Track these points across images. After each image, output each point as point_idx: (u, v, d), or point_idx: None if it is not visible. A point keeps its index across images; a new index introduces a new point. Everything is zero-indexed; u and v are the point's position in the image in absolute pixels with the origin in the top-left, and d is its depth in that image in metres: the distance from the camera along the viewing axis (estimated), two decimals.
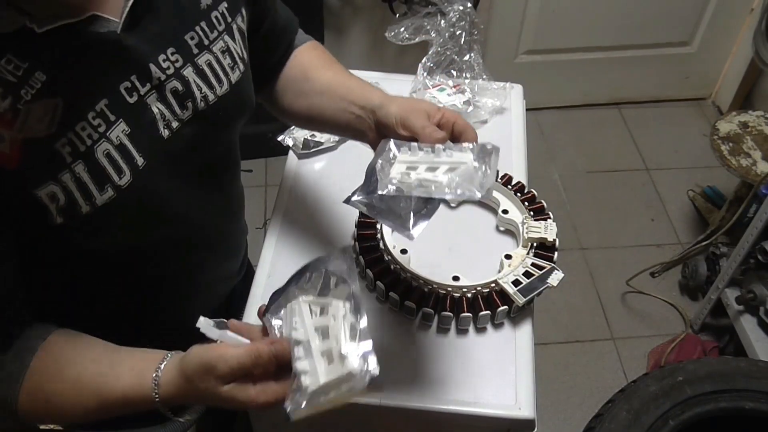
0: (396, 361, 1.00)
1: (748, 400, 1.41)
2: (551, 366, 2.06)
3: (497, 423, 0.96)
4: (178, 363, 0.74)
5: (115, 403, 0.76)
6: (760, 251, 1.81)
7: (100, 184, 0.71)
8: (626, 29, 2.59)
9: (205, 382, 0.72)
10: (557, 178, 2.57)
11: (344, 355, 0.68)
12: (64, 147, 0.68)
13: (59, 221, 0.70)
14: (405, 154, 0.77)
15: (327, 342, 0.70)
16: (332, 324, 0.70)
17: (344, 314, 0.71)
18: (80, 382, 0.75)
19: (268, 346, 0.71)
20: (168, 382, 0.74)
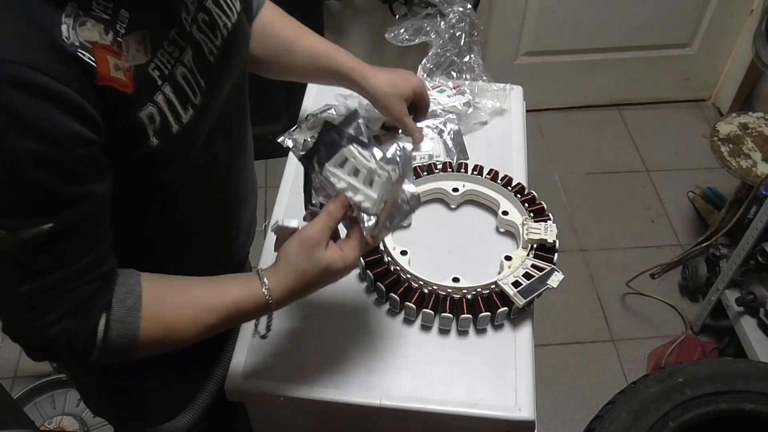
0: (396, 363, 1.00)
1: (748, 402, 1.41)
2: (551, 367, 2.06)
3: (497, 424, 0.96)
4: (277, 263, 0.84)
5: (229, 314, 0.83)
6: (760, 253, 1.81)
7: (183, 103, 0.79)
8: (626, 30, 2.59)
9: (308, 257, 0.82)
10: (557, 179, 2.57)
11: (374, 168, 0.82)
12: (154, 71, 0.75)
13: (155, 143, 0.76)
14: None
15: (361, 174, 0.83)
16: (357, 162, 0.83)
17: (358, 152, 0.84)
18: (193, 302, 0.82)
19: (331, 204, 0.83)
20: (275, 281, 0.83)
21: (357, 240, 0.84)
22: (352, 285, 1.09)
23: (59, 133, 0.65)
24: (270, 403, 0.99)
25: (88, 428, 1.83)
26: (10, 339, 0.77)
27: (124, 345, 0.78)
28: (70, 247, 0.72)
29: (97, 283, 0.76)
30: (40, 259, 0.70)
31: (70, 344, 0.75)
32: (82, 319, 0.75)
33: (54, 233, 0.69)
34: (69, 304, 0.74)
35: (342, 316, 1.05)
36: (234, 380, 0.98)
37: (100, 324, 0.76)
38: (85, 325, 0.75)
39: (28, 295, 0.72)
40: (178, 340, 0.82)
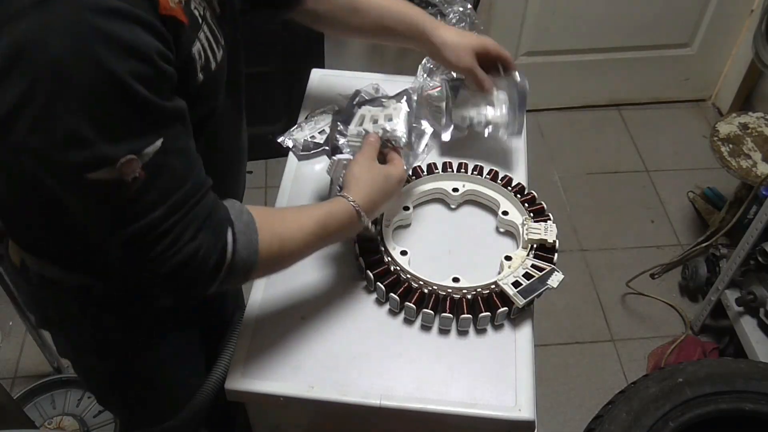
0: (396, 363, 1.00)
1: (748, 402, 1.41)
2: (551, 367, 2.06)
3: (497, 424, 0.96)
4: (346, 184, 0.99)
5: (326, 223, 0.93)
6: (760, 253, 1.81)
7: (217, 43, 0.84)
8: (626, 31, 2.59)
9: (369, 168, 1.00)
10: (557, 179, 2.57)
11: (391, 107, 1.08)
12: (195, 10, 0.80)
13: (201, 78, 0.81)
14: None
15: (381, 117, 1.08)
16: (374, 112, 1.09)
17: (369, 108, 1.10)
18: (294, 216, 0.92)
19: (369, 136, 1.05)
20: (353, 193, 0.97)
21: (397, 157, 1.05)
22: (352, 285, 1.09)
23: (150, 49, 0.69)
24: (270, 403, 0.99)
25: (88, 428, 1.83)
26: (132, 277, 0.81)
27: (247, 258, 0.82)
28: (182, 162, 0.76)
29: (212, 196, 0.81)
30: (163, 178, 0.74)
31: (205, 261, 0.79)
32: (214, 233, 0.79)
33: (166, 150, 0.73)
34: (200, 218, 0.78)
35: (342, 317, 1.05)
36: (234, 380, 0.98)
37: (228, 236, 0.80)
38: (218, 239, 0.79)
39: (163, 217, 0.75)
40: (290, 252, 0.90)
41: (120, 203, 0.73)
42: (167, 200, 0.75)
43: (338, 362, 1.00)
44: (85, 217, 0.78)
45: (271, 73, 2.37)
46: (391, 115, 1.07)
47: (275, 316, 1.05)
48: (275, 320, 1.05)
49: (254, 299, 1.07)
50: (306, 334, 1.03)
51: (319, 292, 1.08)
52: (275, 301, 1.07)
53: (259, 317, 1.05)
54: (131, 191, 0.72)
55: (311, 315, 1.05)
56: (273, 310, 1.06)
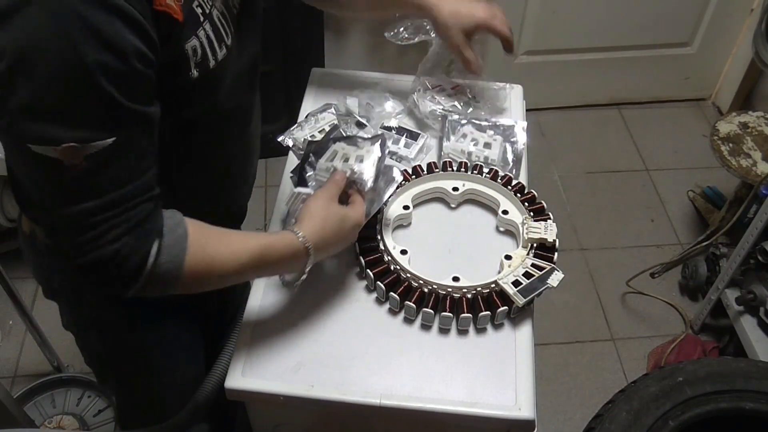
0: (396, 362, 1.00)
1: (748, 401, 1.41)
2: (551, 366, 2.06)
3: (497, 424, 0.96)
4: (300, 218, 0.97)
5: (264, 254, 0.90)
6: (760, 252, 1.81)
7: (219, 41, 0.85)
8: (626, 30, 2.59)
9: (326, 206, 0.97)
10: (557, 178, 2.57)
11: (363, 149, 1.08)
12: (197, 8, 0.81)
13: (195, 75, 0.82)
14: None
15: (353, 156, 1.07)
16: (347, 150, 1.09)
17: (344, 145, 1.10)
18: (232, 241, 0.89)
19: (336, 174, 1.02)
20: (304, 228, 0.94)
21: (360, 201, 1.01)
22: (352, 285, 1.09)
23: (127, 47, 0.70)
24: (270, 403, 0.99)
25: (88, 427, 1.83)
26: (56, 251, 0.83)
27: (170, 271, 0.82)
28: (129, 165, 0.77)
29: (152, 204, 0.81)
30: (104, 174, 0.75)
31: (125, 263, 0.79)
32: (139, 239, 0.79)
33: (115, 149, 0.74)
34: (130, 222, 0.78)
35: (342, 316, 1.05)
36: (234, 380, 0.98)
37: (153, 247, 0.80)
38: (142, 246, 0.79)
39: (92, 210, 0.75)
40: (219, 275, 0.88)
41: (54, 183, 0.75)
42: (101, 196, 0.76)
43: (338, 362, 1.00)
44: (29, 186, 0.80)
45: (271, 72, 2.37)
46: (362, 156, 1.06)
47: (275, 316, 1.05)
48: (275, 320, 1.05)
49: (254, 299, 1.07)
50: (306, 334, 1.03)
51: (319, 291, 1.08)
52: (275, 301, 1.07)
53: (259, 317, 1.05)
54: (66, 176, 0.73)
55: (311, 315, 1.05)
56: (273, 310, 1.06)
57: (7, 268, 1.69)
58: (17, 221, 1.07)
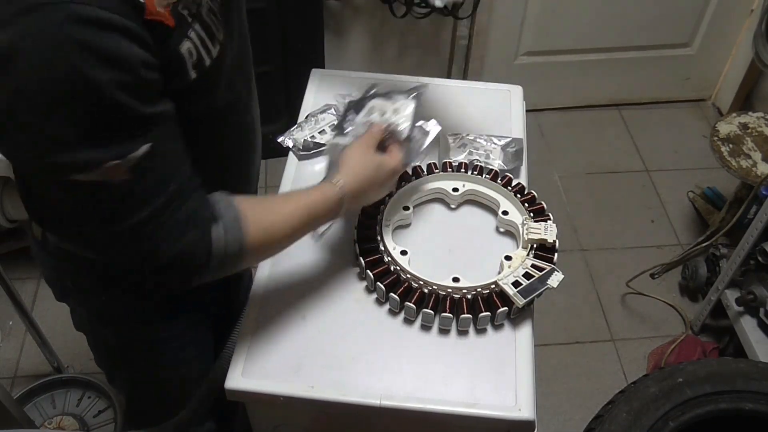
0: (396, 363, 1.00)
1: (748, 401, 1.41)
2: (551, 367, 2.06)
3: (497, 424, 0.96)
4: (339, 166, 1.01)
5: (310, 208, 0.95)
6: (760, 252, 1.81)
7: (211, 39, 0.85)
8: (626, 30, 2.59)
9: (363, 153, 1.02)
10: (557, 179, 2.57)
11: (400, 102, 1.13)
12: (183, 10, 0.80)
13: (193, 76, 0.82)
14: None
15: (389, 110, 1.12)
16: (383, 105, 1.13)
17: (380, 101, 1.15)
18: (278, 204, 0.97)
19: (373, 126, 1.07)
20: (340, 176, 0.99)
21: (396, 149, 1.06)
22: (352, 285, 1.09)
23: (132, 58, 0.71)
24: (270, 403, 0.99)
25: (88, 428, 1.83)
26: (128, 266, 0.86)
27: (235, 252, 0.86)
28: (169, 164, 0.79)
29: (200, 193, 0.84)
30: (150, 180, 0.77)
31: (193, 258, 0.83)
32: (201, 230, 0.83)
33: (153, 153, 0.76)
34: (185, 218, 0.81)
35: (342, 316, 1.05)
36: (234, 380, 0.98)
37: (213, 233, 0.84)
38: (204, 236, 0.83)
39: (147, 218, 0.78)
40: (278, 240, 0.93)
41: (106, 203, 0.76)
42: (153, 201, 0.78)
43: (338, 362, 1.00)
44: (75, 213, 0.81)
45: (271, 73, 2.37)
46: (398, 109, 1.11)
47: (275, 316, 1.05)
48: (275, 320, 1.05)
49: (254, 299, 1.07)
50: (306, 334, 1.03)
51: (319, 292, 1.08)
52: (275, 301, 1.07)
53: (259, 317, 1.05)
54: (117, 193, 0.75)
55: (311, 315, 1.05)
56: (273, 310, 1.06)
57: (7, 268, 1.69)
58: (27, 226, 1.07)
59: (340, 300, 1.07)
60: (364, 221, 1.12)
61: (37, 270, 1.79)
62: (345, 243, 1.13)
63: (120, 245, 0.81)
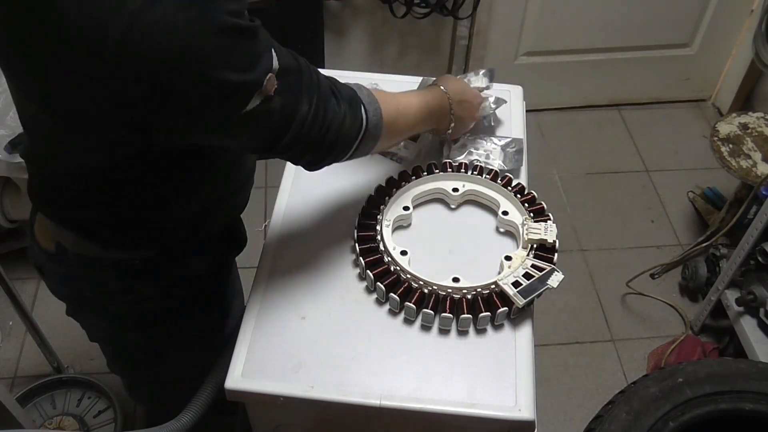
0: (396, 363, 1.00)
1: (748, 402, 1.41)
2: (551, 367, 2.06)
3: (497, 424, 0.96)
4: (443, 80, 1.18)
5: (429, 106, 1.11)
6: (760, 253, 1.81)
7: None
8: (626, 31, 2.59)
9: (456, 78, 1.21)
10: (557, 179, 2.57)
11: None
12: None
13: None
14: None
15: None
16: None
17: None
18: (403, 97, 1.08)
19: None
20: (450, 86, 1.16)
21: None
22: (352, 285, 1.09)
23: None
24: (270, 403, 0.99)
25: (88, 428, 1.83)
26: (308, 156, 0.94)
27: (377, 124, 0.97)
28: (288, 56, 0.85)
29: (326, 79, 0.92)
30: (289, 76, 0.83)
31: (352, 127, 0.93)
32: (352, 105, 0.93)
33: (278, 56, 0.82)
34: (329, 91, 0.90)
35: (342, 317, 1.05)
36: (234, 380, 0.98)
37: (361, 106, 0.95)
38: (357, 110, 0.94)
39: (307, 106, 0.86)
40: (404, 122, 1.05)
41: (275, 115, 0.83)
42: (301, 91, 0.85)
43: (338, 362, 1.00)
44: (247, 144, 0.89)
45: None
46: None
47: (275, 316, 1.05)
48: (275, 320, 1.05)
49: (254, 299, 1.07)
50: (306, 334, 1.03)
51: (319, 292, 1.08)
52: (275, 301, 1.07)
53: (259, 317, 1.05)
54: (277, 102, 0.82)
55: (311, 315, 1.05)
56: (273, 310, 1.06)
57: (7, 268, 1.68)
58: (32, 241, 1.08)
59: (340, 300, 1.07)
60: (364, 221, 1.12)
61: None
62: (345, 243, 1.13)
63: (304, 146, 0.89)
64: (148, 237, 1.01)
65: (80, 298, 1.10)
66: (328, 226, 1.16)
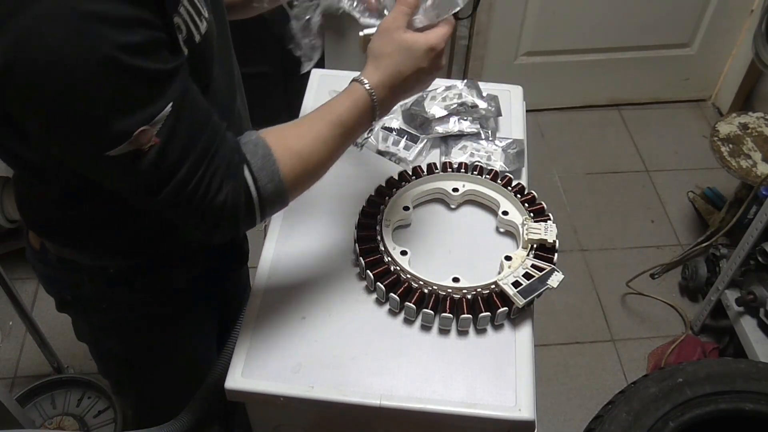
0: (396, 363, 1.00)
1: (748, 402, 1.41)
2: (551, 367, 2.06)
3: (497, 424, 0.96)
4: (366, 62, 0.91)
5: (346, 122, 0.88)
6: (760, 252, 1.81)
7: (198, 15, 0.81)
8: (626, 31, 2.59)
9: (389, 40, 0.88)
10: (557, 179, 2.57)
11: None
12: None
13: (185, 52, 0.79)
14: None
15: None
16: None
17: None
18: (309, 123, 0.89)
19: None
20: (368, 74, 0.89)
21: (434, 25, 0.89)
22: (352, 286, 1.09)
23: (139, 20, 0.69)
24: (270, 403, 0.99)
25: (88, 428, 1.83)
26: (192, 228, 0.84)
27: (275, 189, 0.84)
28: (194, 115, 0.78)
29: (229, 138, 0.82)
30: (179, 138, 0.75)
31: (236, 207, 0.82)
32: (235, 179, 0.81)
33: (177, 110, 0.74)
34: (222, 168, 0.80)
35: (342, 317, 1.05)
36: (234, 380, 0.98)
37: (248, 179, 0.82)
38: (239, 183, 0.82)
39: (188, 175, 0.77)
40: (315, 164, 0.88)
41: (144, 172, 0.75)
42: (188, 157, 0.77)
43: (338, 362, 1.00)
44: (118, 189, 0.81)
45: (271, 73, 2.37)
46: None
47: (275, 316, 1.05)
48: (275, 320, 1.05)
49: (254, 299, 1.07)
50: (306, 334, 1.03)
51: (319, 292, 1.08)
52: (275, 301, 1.07)
53: (259, 317, 1.05)
54: (151, 158, 0.74)
55: (311, 315, 1.05)
56: (273, 310, 1.06)
57: (7, 268, 1.69)
58: (25, 237, 1.06)
59: (340, 300, 1.07)
60: (364, 221, 1.12)
61: None
62: (345, 243, 1.13)
63: (168, 210, 0.81)
64: (116, 247, 0.98)
65: (64, 301, 1.10)
66: (328, 226, 1.16)
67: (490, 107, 1.30)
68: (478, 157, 1.25)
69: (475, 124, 1.29)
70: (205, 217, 0.81)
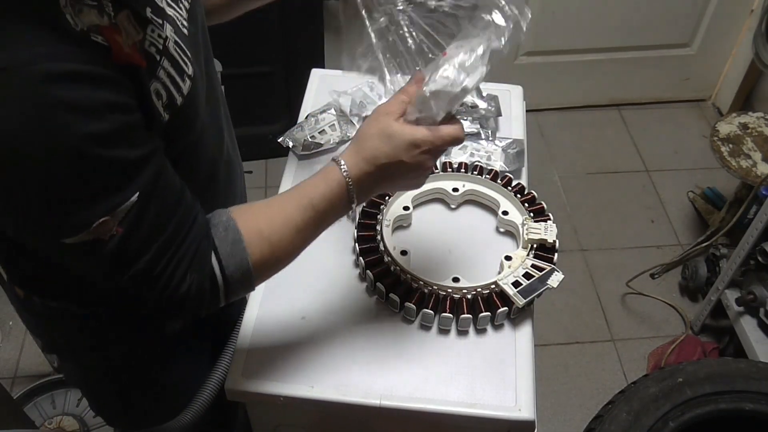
0: (396, 363, 1.00)
1: (748, 402, 1.41)
2: (551, 367, 2.06)
3: (497, 424, 0.96)
4: (353, 144, 0.85)
5: (318, 206, 0.83)
6: (760, 252, 1.81)
7: (180, 75, 0.78)
8: (626, 31, 2.59)
9: (375, 123, 0.83)
10: (557, 179, 2.57)
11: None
12: (150, 47, 0.74)
13: (166, 117, 0.76)
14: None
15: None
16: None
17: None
18: (281, 207, 0.84)
19: (407, 84, 0.84)
20: (347, 157, 0.84)
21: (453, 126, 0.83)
22: (352, 285, 1.09)
23: (108, 106, 0.66)
24: (270, 403, 0.99)
25: (88, 428, 1.83)
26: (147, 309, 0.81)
27: (242, 276, 0.81)
28: (162, 205, 0.74)
29: (199, 224, 0.79)
30: (145, 227, 0.73)
31: (200, 295, 0.79)
32: (201, 268, 0.78)
33: (144, 199, 0.71)
34: (188, 258, 0.77)
35: (342, 317, 1.05)
36: (234, 380, 0.98)
37: (215, 267, 0.79)
38: (205, 273, 0.79)
39: (150, 264, 0.74)
40: (285, 252, 0.85)
41: (104, 259, 0.72)
42: (151, 247, 0.74)
43: (338, 362, 1.00)
44: (77, 270, 0.79)
45: (271, 73, 2.37)
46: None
47: (275, 316, 1.05)
48: (275, 320, 1.05)
49: (254, 299, 1.07)
50: (306, 334, 1.03)
51: (319, 292, 1.08)
52: (275, 301, 1.07)
53: (259, 317, 1.05)
54: (111, 248, 0.71)
55: (311, 315, 1.05)
56: (273, 310, 1.06)
57: None
58: (8, 288, 1.03)
59: (340, 300, 1.07)
60: (364, 221, 1.12)
61: None
62: (345, 243, 1.13)
63: (127, 295, 0.78)
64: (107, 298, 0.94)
65: (51, 340, 1.08)
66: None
67: (490, 107, 1.30)
68: (478, 157, 1.25)
69: (475, 124, 1.29)
70: (166, 304, 0.78)
